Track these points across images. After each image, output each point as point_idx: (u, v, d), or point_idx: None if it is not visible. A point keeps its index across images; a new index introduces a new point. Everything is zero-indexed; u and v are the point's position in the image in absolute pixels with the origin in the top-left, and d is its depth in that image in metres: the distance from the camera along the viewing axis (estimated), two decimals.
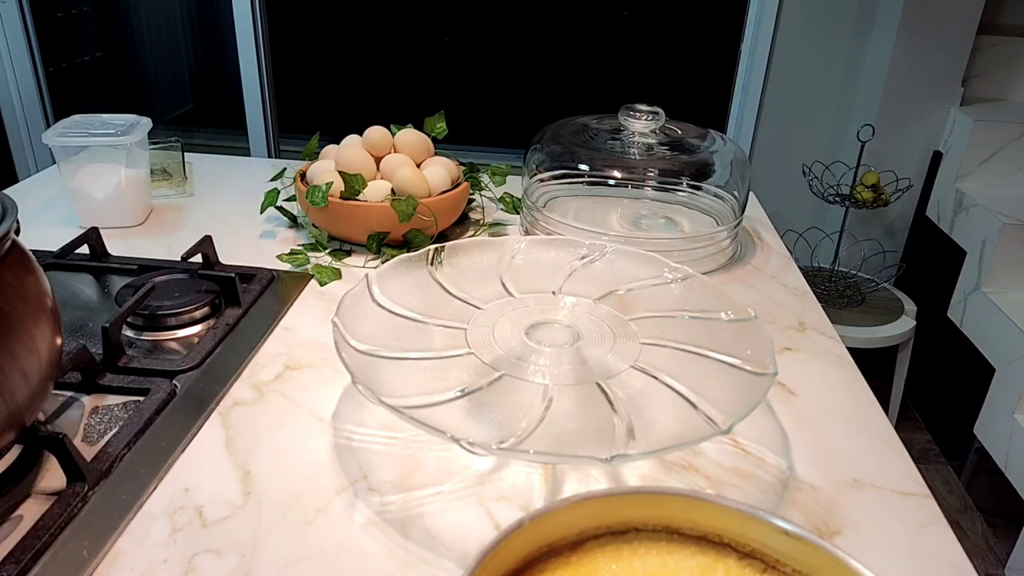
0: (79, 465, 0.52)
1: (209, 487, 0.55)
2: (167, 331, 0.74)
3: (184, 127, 2.83)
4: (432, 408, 0.55)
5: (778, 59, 2.08)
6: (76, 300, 0.80)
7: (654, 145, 0.95)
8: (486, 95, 2.65)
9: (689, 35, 2.46)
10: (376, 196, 0.89)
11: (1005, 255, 1.71)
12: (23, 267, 0.52)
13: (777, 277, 0.92)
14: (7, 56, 2.27)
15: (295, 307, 0.80)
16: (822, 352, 0.76)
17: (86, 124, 0.96)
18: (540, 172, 0.97)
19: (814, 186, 2.05)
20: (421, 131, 0.99)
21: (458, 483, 0.56)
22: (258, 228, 0.99)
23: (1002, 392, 1.61)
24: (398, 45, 2.59)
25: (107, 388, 0.64)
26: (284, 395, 0.66)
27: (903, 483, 0.58)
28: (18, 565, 0.46)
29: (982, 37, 1.97)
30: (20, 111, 2.34)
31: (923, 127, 2.05)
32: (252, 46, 2.18)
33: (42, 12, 2.29)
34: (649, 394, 0.59)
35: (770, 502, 0.56)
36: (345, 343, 0.58)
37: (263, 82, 2.23)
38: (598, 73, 2.54)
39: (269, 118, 2.29)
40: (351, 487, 0.55)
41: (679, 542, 0.40)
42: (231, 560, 0.49)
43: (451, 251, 0.73)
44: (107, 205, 0.96)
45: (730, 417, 0.52)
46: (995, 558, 1.66)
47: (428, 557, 0.50)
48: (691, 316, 0.68)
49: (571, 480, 0.57)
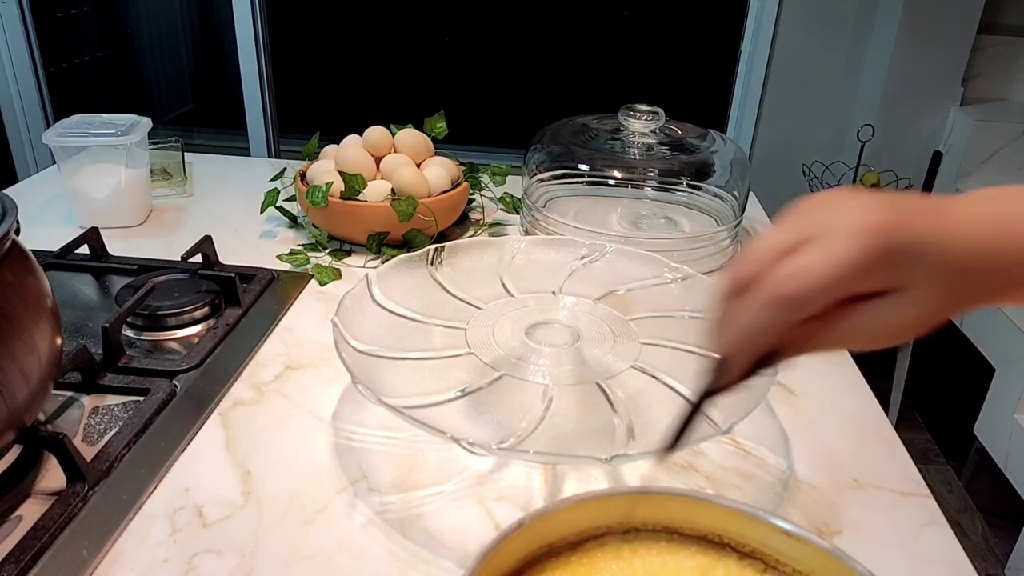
0: (79, 465, 0.52)
1: (209, 487, 0.55)
2: (167, 331, 0.74)
3: (184, 127, 2.83)
4: (432, 408, 0.55)
5: (778, 59, 2.08)
6: (76, 300, 0.80)
7: (654, 145, 0.95)
8: (486, 95, 2.65)
9: (689, 35, 2.46)
10: (376, 196, 0.89)
11: None
12: (23, 267, 0.52)
13: None
14: (7, 56, 2.27)
15: (295, 307, 0.80)
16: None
17: (86, 124, 0.96)
18: (540, 172, 0.97)
19: (814, 186, 2.05)
20: (421, 131, 0.99)
21: (458, 483, 0.56)
22: (258, 228, 0.99)
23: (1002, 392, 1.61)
24: (398, 45, 2.59)
25: (107, 388, 0.64)
26: (284, 395, 0.66)
27: (903, 483, 0.58)
28: (18, 565, 0.46)
29: (982, 37, 1.97)
30: (20, 111, 2.34)
31: (923, 127, 2.05)
32: (252, 46, 2.18)
33: (42, 12, 2.29)
34: (649, 394, 0.59)
35: (770, 502, 0.56)
36: (345, 343, 0.58)
37: (263, 82, 2.23)
38: (598, 73, 2.54)
39: (269, 118, 2.29)
40: (351, 487, 0.55)
41: (679, 542, 0.40)
42: (231, 560, 0.49)
43: (451, 251, 0.73)
44: (107, 205, 0.96)
45: (730, 417, 0.52)
46: (995, 558, 1.66)
47: (428, 557, 0.50)
48: (691, 316, 0.68)
49: (571, 480, 0.57)
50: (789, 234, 0.34)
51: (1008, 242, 0.34)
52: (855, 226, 0.32)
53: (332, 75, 2.66)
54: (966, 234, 0.34)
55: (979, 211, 0.35)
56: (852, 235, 0.32)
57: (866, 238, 0.32)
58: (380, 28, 2.59)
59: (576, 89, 2.56)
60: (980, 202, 0.36)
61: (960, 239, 0.34)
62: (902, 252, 0.33)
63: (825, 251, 0.32)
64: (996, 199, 0.36)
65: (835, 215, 0.33)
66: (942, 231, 0.33)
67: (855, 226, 0.32)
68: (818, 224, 0.33)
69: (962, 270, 0.34)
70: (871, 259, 0.32)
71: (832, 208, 0.34)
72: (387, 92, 2.64)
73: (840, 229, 0.32)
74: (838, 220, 0.33)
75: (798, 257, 0.33)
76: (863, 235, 0.32)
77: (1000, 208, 0.35)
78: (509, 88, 2.64)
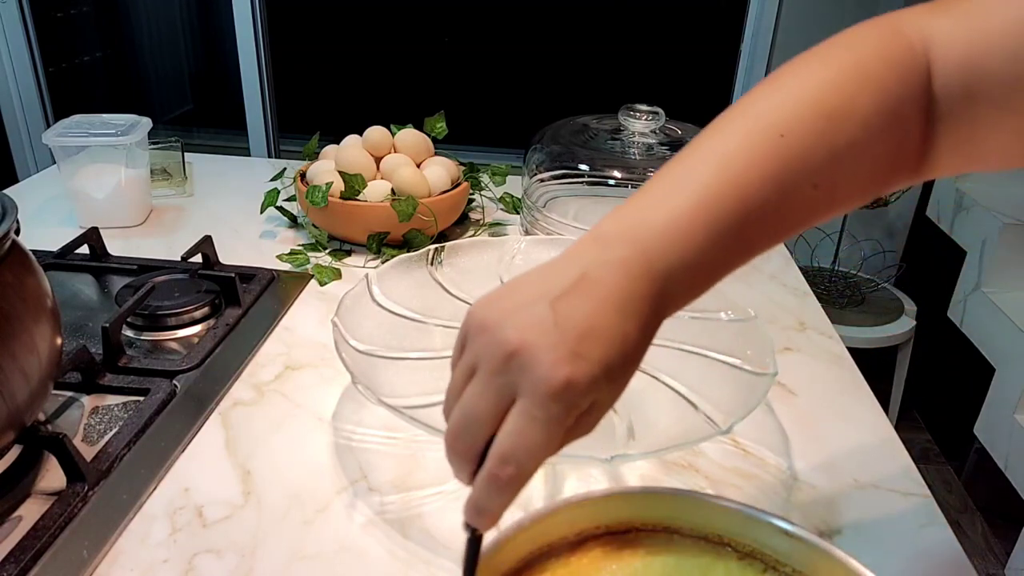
0: (79, 465, 0.52)
1: (209, 487, 0.55)
2: (167, 331, 0.74)
3: (184, 127, 2.82)
4: (432, 408, 0.55)
5: (778, 59, 2.08)
6: (76, 300, 0.80)
7: (654, 145, 0.95)
8: (486, 95, 2.65)
9: (689, 35, 2.46)
10: (376, 196, 0.89)
11: (1005, 255, 1.71)
12: (23, 267, 0.52)
13: (777, 277, 0.92)
14: (7, 56, 2.27)
15: (295, 307, 0.80)
16: (822, 352, 0.76)
17: (86, 124, 0.96)
18: (540, 172, 0.97)
19: None
20: (421, 131, 0.99)
21: (458, 483, 0.56)
22: (258, 228, 0.99)
23: (1002, 392, 1.61)
24: (398, 45, 2.59)
25: (107, 388, 0.64)
26: (284, 395, 0.66)
27: (903, 483, 0.58)
28: (18, 565, 0.46)
29: None
30: (20, 111, 2.34)
31: None
32: (252, 46, 2.18)
33: (42, 12, 2.29)
34: (649, 394, 0.59)
35: (770, 502, 0.56)
36: (345, 343, 0.58)
37: (263, 82, 2.23)
38: (598, 73, 2.54)
39: (269, 118, 2.29)
40: (351, 487, 0.55)
41: (679, 542, 0.40)
42: (231, 560, 0.49)
43: (451, 251, 0.73)
44: (107, 205, 0.96)
45: (730, 417, 0.52)
46: (995, 558, 1.66)
47: (428, 557, 0.50)
48: (691, 316, 0.68)
49: (571, 480, 0.57)
50: (484, 387, 0.33)
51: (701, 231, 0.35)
52: (542, 391, 0.31)
53: (332, 75, 2.66)
54: (669, 264, 0.35)
55: (672, 212, 0.35)
56: (543, 403, 0.31)
57: (557, 403, 0.31)
58: (380, 28, 2.59)
59: (576, 89, 2.56)
60: (662, 200, 0.36)
61: (670, 272, 0.35)
62: (595, 383, 0.32)
63: (527, 424, 0.32)
64: (667, 181, 0.37)
65: (520, 362, 0.32)
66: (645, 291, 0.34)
67: (542, 391, 0.31)
68: (505, 370, 0.32)
69: (667, 310, 0.36)
70: (567, 413, 0.32)
71: (510, 347, 0.32)
72: (387, 92, 2.63)
73: (530, 391, 0.32)
74: (526, 378, 0.32)
75: (503, 438, 0.32)
76: (553, 400, 0.31)
77: (685, 193, 0.36)
78: (509, 88, 2.64)
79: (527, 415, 0.32)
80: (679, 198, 0.36)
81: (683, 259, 0.35)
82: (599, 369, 0.32)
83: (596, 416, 0.34)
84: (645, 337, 0.34)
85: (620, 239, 0.35)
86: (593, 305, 0.33)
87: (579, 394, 0.32)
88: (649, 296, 0.34)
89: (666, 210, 0.35)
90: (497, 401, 0.33)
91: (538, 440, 0.32)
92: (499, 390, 0.33)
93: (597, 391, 0.33)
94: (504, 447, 0.32)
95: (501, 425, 0.32)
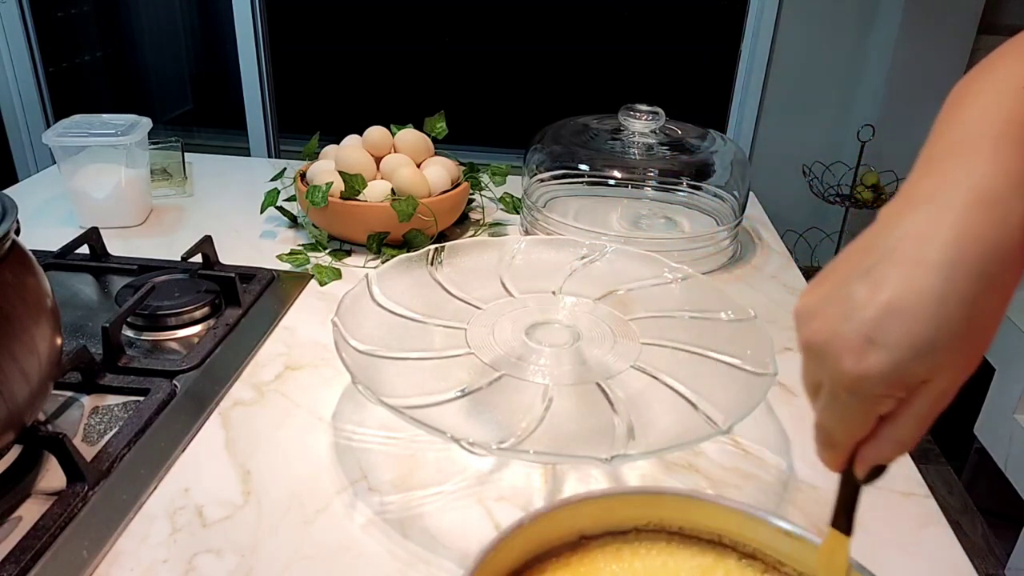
0: (79, 465, 0.52)
1: (209, 487, 0.55)
2: (167, 331, 0.74)
3: (184, 127, 2.82)
4: (432, 408, 0.55)
5: (778, 59, 2.08)
6: (76, 300, 0.80)
7: (654, 145, 0.95)
8: (486, 95, 2.65)
9: (689, 35, 2.46)
10: (376, 196, 0.89)
11: None
12: (23, 267, 0.52)
13: (777, 277, 0.91)
14: (7, 56, 2.27)
15: (295, 307, 0.80)
16: None
17: (86, 124, 0.96)
18: (540, 172, 0.97)
19: (814, 186, 2.05)
20: (421, 131, 0.99)
21: (458, 483, 0.56)
22: (258, 228, 0.99)
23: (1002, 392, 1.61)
24: (398, 45, 2.59)
25: (107, 388, 0.64)
26: (284, 395, 0.66)
27: (903, 483, 0.58)
28: (18, 565, 0.46)
29: (982, 37, 1.97)
30: (20, 111, 2.34)
31: (924, 127, 2.01)
32: (252, 46, 2.18)
33: (42, 12, 2.29)
34: (649, 394, 0.59)
35: (770, 502, 0.56)
36: (345, 343, 0.58)
37: (263, 82, 2.23)
38: (598, 73, 2.54)
39: (269, 118, 2.29)
40: (351, 487, 0.55)
41: (679, 542, 0.40)
42: (231, 560, 0.49)
43: (451, 251, 0.73)
44: (107, 205, 0.96)
45: (730, 417, 0.52)
46: (995, 558, 1.66)
47: (428, 557, 0.50)
48: (691, 316, 0.68)
49: (571, 480, 0.57)
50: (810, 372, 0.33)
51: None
52: (838, 387, 0.32)
53: (332, 75, 2.66)
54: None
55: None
56: (840, 398, 0.32)
57: (853, 396, 0.31)
58: (380, 28, 2.59)
59: (576, 89, 2.56)
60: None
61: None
62: (898, 368, 0.30)
63: (829, 417, 0.33)
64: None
65: (820, 358, 0.32)
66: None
67: (838, 387, 0.32)
68: (819, 364, 0.32)
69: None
70: (875, 402, 0.32)
71: (813, 345, 0.32)
72: (387, 92, 2.64)
73: (830, 387, 0.32)
74: (826, 374, 0.32)
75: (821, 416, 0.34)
76: (849, 394, 0.31)
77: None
78: (509, 88, 2.64)
79: (828, 409, 0.33)
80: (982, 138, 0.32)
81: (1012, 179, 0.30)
82: (900, 353, 0.29)
83: (936, 389, 0.31)
84: (985, 292, 0.29)
85: (931, 193, 0.31)
86: (903, 271, 0.29)
87: (876, 384, 0.30)
88: (982, 238, 0.29)
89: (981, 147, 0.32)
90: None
91: (843, 428, 0.33)
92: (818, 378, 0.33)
93: (907, 374, 0.30)
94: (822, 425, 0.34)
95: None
